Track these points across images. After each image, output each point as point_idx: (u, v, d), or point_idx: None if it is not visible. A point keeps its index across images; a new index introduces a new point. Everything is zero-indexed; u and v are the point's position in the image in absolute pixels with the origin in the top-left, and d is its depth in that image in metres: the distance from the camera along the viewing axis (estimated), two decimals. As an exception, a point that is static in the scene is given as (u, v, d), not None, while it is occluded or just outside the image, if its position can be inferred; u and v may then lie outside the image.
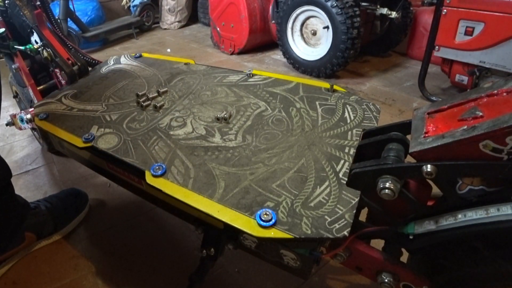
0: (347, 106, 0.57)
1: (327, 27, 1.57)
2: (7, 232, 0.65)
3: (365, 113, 0.55)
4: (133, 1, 2.59)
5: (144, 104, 0.57)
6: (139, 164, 0.45)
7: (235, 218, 0.38)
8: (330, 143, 0.48)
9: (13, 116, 0.72)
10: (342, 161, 0.45)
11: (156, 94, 0.60)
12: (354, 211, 0.38)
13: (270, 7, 1.92)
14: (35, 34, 0.78)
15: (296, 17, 1.69)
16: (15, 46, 0.81)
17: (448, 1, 1.23)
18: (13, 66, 0.83)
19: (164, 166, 0.44)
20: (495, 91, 0.35)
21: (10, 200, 0.65)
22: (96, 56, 0.85)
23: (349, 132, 0.50)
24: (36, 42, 0.78)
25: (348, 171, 0.43)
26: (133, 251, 0.72)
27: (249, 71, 0.69)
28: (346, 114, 0.55)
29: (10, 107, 1.32)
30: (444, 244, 0.39)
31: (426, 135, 0.37)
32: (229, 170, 0.44)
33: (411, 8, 1.82)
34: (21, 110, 0.82)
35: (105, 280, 0.65)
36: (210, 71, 0.71)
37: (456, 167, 0.34)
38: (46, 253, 0.71)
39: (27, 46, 0.79)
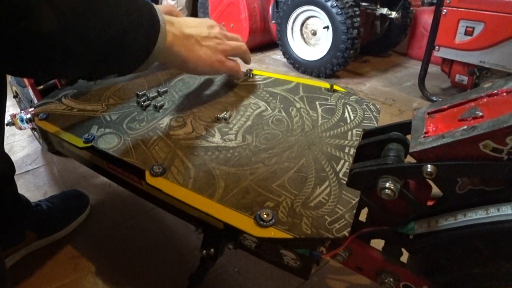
0: (347, 106, 0.57)
1: (327, 27, 1.57)
2: (7, 227, 0.65)
3: (365, 113, 0.55)
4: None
5: (144, 104, 0.57)
6: (139, 164, 0.45)
7: (235, 218, 0.38)
8: (330, 143, 0.48)
9: (13, 116, 0.72)
10: (342, 161, 0.45)
11: (156, 94, 0.60)
12: (354, 211, 0.38)
13: (270, 7, 1.92)
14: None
15: (296, 17, 1.69)
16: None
17: (448, 1, 1.23)
18: (13, 66, 0.83)
19: (164, 166, 0.44)
20: (495, 91, 0.35)
21: (12, 196, 0.66)
22: (96, 56, 0.84)
23: (349, 132, 0.50)
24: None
25: (348, 171, 0.43)
26: (133, 251, 0.72)
27: (249, 71, 0.69)
28: (346, 114, 0.55)
29: (10, 107, 1.32)
30: (444, 244, 0.39)
31: (426, 135, 0.37)
32: (229, 170, 0.44)
33: (411, 8, 1.82)
34: (21, 110, 0.83)
35: (105, 280, 0.65)
36: (210, 71, 0.71)
37: (456, 167, 0.34)
38: (46, 253, 0.71)
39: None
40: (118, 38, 0.36)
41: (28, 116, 0.67)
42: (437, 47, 1.31)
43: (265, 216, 0.37)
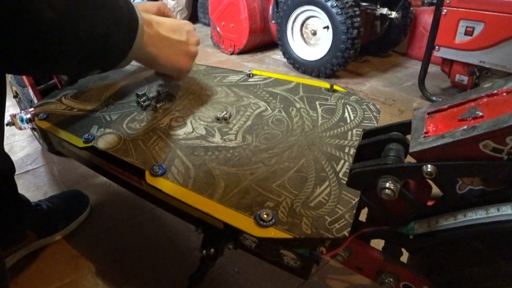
0: (347, 106, 0.57)
1: (327, 27, 1.57)
2: (7, 227, 0.65)
3: (365, 113, 0.55)
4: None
5: (144, 104, 0.57)
6: (139, 164, 0.45)
7: (235, 218, 0.38)
8: (330, 143, 0.48)
9: (13, 116, 0.72)
10: (342, 161, 0.45)
11: (156, 94, 0.60)
12: (354, 211, 0.38)
13: (270, 7, 1.92)
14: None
15: (296, 17, 1.69)
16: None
17: (448, 1, 1.23)
18: (13, 66, 0.83)
19: (164, 166, 0.44)
20: (495, 91, 0.35)
21: (12, 195, 0.66)
22: (96, 56, 0.84)
23: (349, 132, 0.50)
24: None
25: (348, 171, 0.43)
26: (133, 251, 0.72)
27: (249, 71, 0.69)
28: (346, 114, 0.55)
29: (10, 107, 1.32)
30: (444, 244, 0.39)
31: (426, 135, 0.37)
32: (229, 170, 0.44)
33: (411, 8, 1.82)
34: (21, 110, 0.83)
35: (105, 280, 0.65)
36: (210, 71, 0.71)
37: (456, 167, 0.34)
38: (46, 253, 0.71)
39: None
40: (104, 36, 0.39)
41: (28, 116, 0.67)
42: (437, 47, 1.31)
43: (265, 216, 0.37)
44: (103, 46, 0.40)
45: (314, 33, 1.67)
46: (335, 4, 1.47)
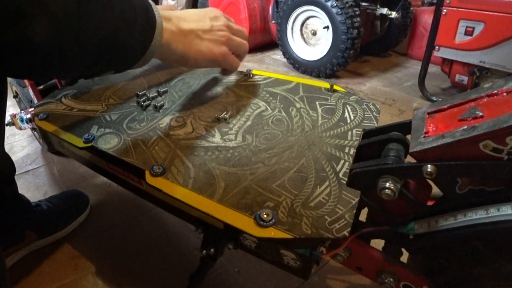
0: (347, 106, 0.57)
1: (327, 27, 1.57)
2: (7, 227, 0.65)
3: (365, 113, 0.55)
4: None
5: (144, 104, 0.57)
6: (139, 164, 0.45)
7: (235, 218, 0.38)
8: (330, 143, 0.48)
9: (13, 116, 0.72)
10: (342, 161, 0.45)
11: (156, 94, 0.60)
12: (354, 211, 0.38)
13: (270, 7, 1.92)
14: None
15: (296, 17, 1.70)
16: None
17: (448, 1, 1.23)
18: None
19: (164, 166, 0.44)
20: (495, 91, 0.35)
21: (13, 195, 0.66)
22: (96, 56, 0.84)
23: (349, 132, 0.50)
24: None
25: (348, 171, 0.43)
26: (133, 251, 0.72)
27: (249, 71, 0.69)
28: (346, 114, 0.55)
29: (10, 107, 1.32)
30: (444, 244, 0.39)
31: (426, 135, 0.37)
32: (229, 170, 0.44)
33: (411, 8, 1.82)
34: (21, 110, 0.82)
35: (105, 280, 0.65)
36: (210, 71, 0.71)
37: (456, 167, 0.34)
38: (46, 253, 0.71)
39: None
40: (111, 37, 0.37)
41: (28, 116, 0.67)
42: (437, 47, 1.31)
43: (265, 216, 0.37)
44: (112, 48, 0.38)
45: (314, 33, 1.67)
46: (335, 4, 1.47)
